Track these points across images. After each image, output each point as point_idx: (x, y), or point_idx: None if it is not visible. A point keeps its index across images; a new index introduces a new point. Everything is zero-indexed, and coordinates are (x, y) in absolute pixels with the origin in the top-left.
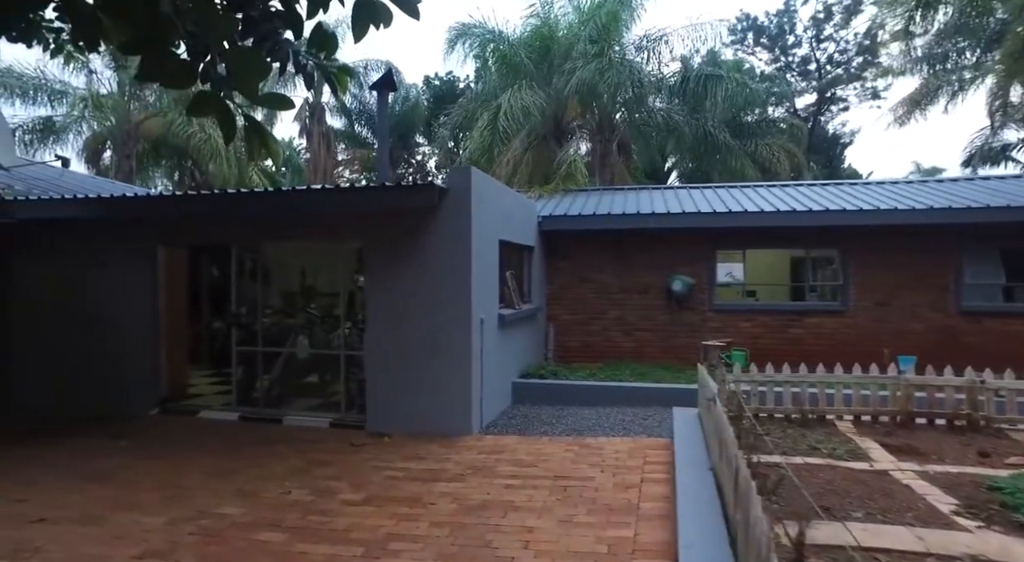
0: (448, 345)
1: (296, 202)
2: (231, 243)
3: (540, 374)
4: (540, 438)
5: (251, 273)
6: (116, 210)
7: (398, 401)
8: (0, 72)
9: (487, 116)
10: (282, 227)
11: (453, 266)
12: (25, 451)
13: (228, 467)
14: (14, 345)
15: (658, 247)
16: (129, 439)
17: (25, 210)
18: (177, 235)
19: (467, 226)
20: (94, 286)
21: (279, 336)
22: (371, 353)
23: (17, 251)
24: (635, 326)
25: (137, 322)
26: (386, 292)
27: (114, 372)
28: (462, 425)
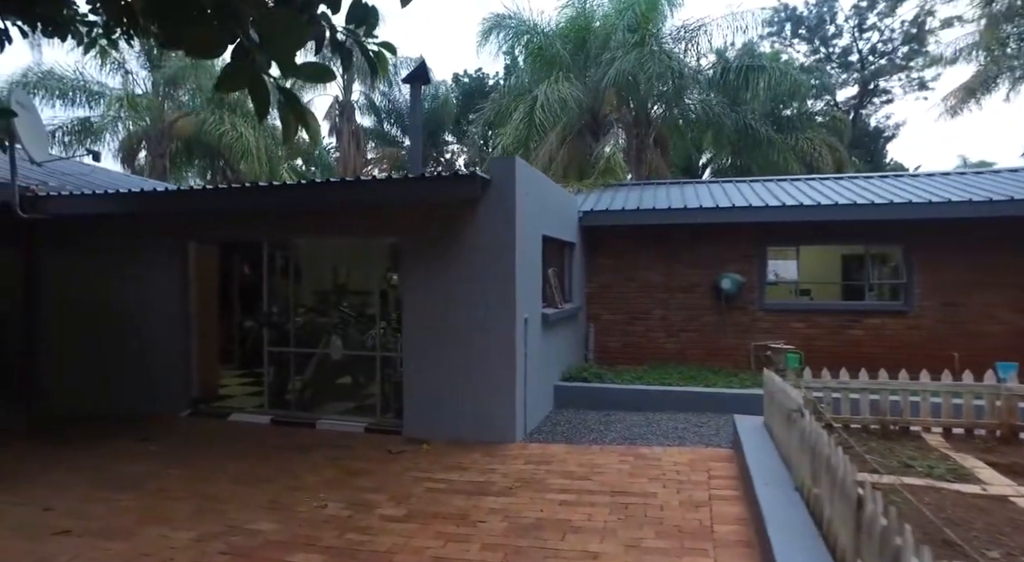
0: (490, 346)
1: (330, 194)
2: (262, 239)
3: (583, 377)
4: (590, 447)
5: (282, 271)
6: (147, 205)
7: (437, 405)
8: (42, 74)
9: (523, 109)
10: (315, 222)
11: (496, 262)
12: (55, 453)
13: (260, 475)
14: (45, 342)
15: (705, 243)
16: (159, 443)
17: (56, 205)
18: (208, 231)
19: (511, 219)
20: (124, 283)
21: (311, 336)
22: (408, 354)
23: (48, 247)
24: (680, 326)
25: (168, 320)
26: (424, 290)
27: (145, 371)
28: (505, 432)
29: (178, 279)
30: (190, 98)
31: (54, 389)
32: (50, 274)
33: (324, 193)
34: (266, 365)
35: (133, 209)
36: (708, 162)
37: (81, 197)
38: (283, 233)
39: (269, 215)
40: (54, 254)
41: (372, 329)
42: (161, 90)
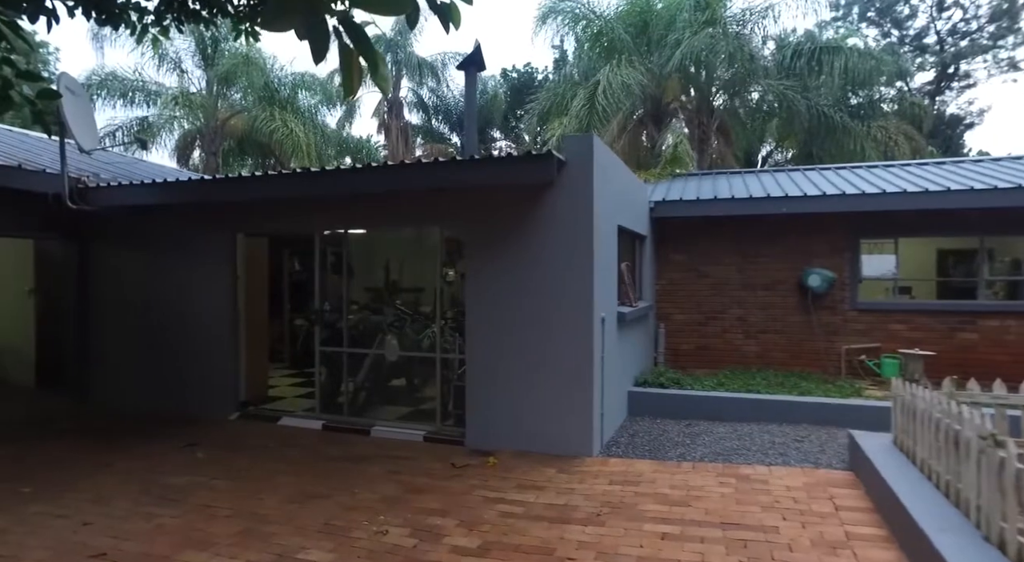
0: (564, 348)
1: (387, 179)
2: (314, 231)
3: (659, 382)
4: (679, 464)
5: (333, 266)
6: (195, 193)
7: (503, 413)
8: (105, 76)
9: (583, 95)
10: (369, 212)
11: (571, 254)
12: (100, 457)
13: (312, 491)
14: (96, 337)
15: (789, 236)
16: (206, 448)
17: (105, 196)
18: (257, 222)
19: (588, 206)
20: (172, 278)
21: (365, 335)
22: (471, 356)
23: (99, 240)
24: (760, 327)
25: (216, 317)
26: (489, 286)
27: (192, 371)
28: (581, 444)
29: (226, 273)
30: (242, 96)
31: (104, 385)
32: (101, 268)
33: (381, 177)
34: (317, 366)
35: (182, 198)
36: (769, 153)
37: (129, 187)
38: (336, 224)
39: (321, 205)
40: (104, 247)
41: (429, 328)
42: (215, 88)
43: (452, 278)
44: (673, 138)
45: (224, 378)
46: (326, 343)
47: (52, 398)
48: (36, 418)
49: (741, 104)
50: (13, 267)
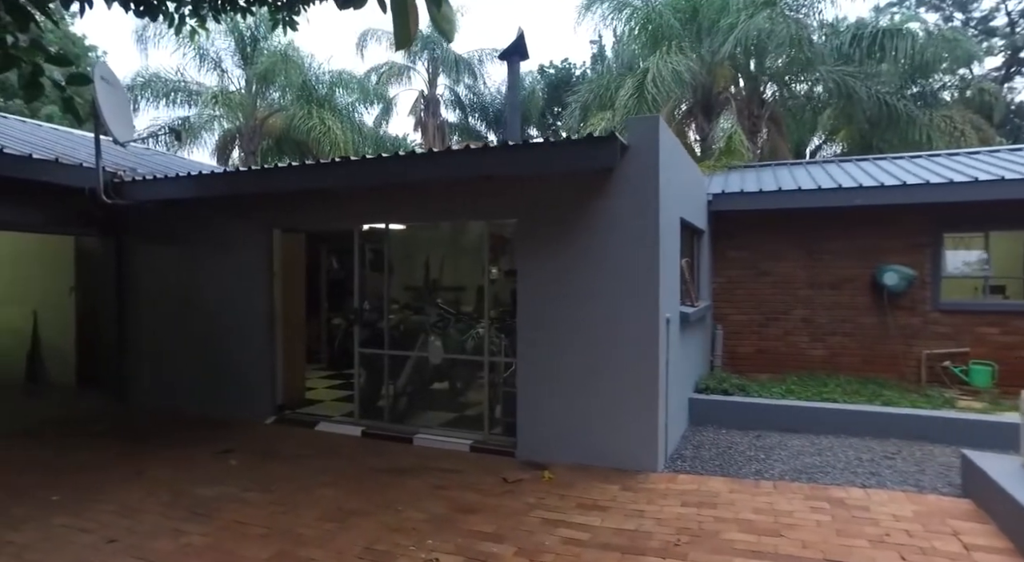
0: (626, 351)
1: (432, 168)
2: (353, 226)
3: (723, 388)
4: (758, 483)
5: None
6: (231, 185)
7: (558, 422)
8: (149, 77)
9: (631, 84)
10: (411, 205)
11: (635, 249)
12: (131, 463)
13: (353, 507)
14: (131, 336)
15: (861, 231)
16: (240, 456)
17: (140, 190)
18: (294, 216)
19: (653, 195)
20: (207, 275)
21: (406, 336)
22: (523, 360)
23: (133, 238)
24: (828, 329)
25: (252, 316)
26: (542, 283)
27: (228, 372)
28: (645, 458)
29: (263, 271)
30: (280, 95)
31: (142, 385)
32: (137, 265)
33: (425, 166)
34: (357, 368)
35: (217, 191)
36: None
37: (164, 181)
38: (376, 218)
39: (361, 198)
40: (141, 244)
41: (472, 329)
42: (254, 87)
43: (495, 276)
44: (726, 129)
45: (260, 380)
46: (366, 344)
47: (91, 398)
48: (73, 419)
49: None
50: (54, 264)
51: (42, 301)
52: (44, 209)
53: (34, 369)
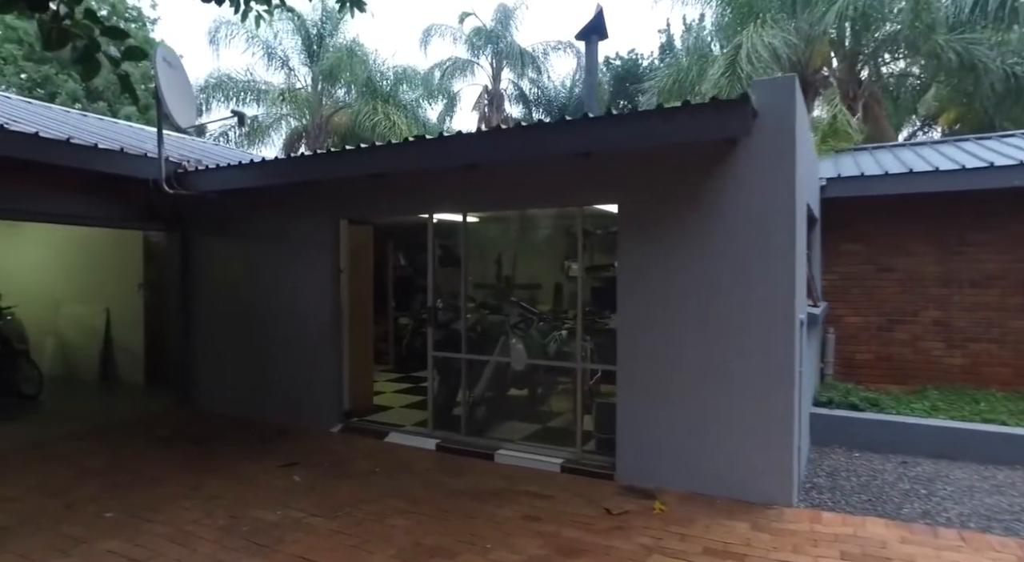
0: (753, 359)
1: (521, 145)
2: (426, 215)
3: (849, 402)
4: (935, 530)
5: (442, 259)
6: (296, 171)
7: (667, 441)
8: (221, 78)
9: (722, 61)
10: (495, 192)
11: (765, 239)
12: (189, 475)
13: (433, 544)
14: (195, 335)
15: (1011, 219)
16: (305, 471)
17: (203, 180)
18: (363, 206)
19: (789, 171)
20: (272, 272)
21: (483, 339)
22: (625, 368)
23: (197, 232)
24: (969, 334)
25: (317, 314)
26: (650, 279)
27: (292, 375)
28: (775, 488)
29: (329, 265)
30: (345, 92)
31: (206, 387)
32: (201, 261)
33: (512, 144)
34: (430, 374)
35: (282, 178)
36: (920, 128)
37: (227, 169)
38: (453, 206)
39: (437, 183)
40: (204, 239)
41: (555, 331)
42: (320, 85)
43: (576, 272)
44: (830, 109)
45: (326, 384)
46: (440, 347)
47: (157, 399)
48: (137, 421)
49: (891, 72)
50: (125, 261)
51: (114, 299)
52: (110, 202)
53: (107, 368)
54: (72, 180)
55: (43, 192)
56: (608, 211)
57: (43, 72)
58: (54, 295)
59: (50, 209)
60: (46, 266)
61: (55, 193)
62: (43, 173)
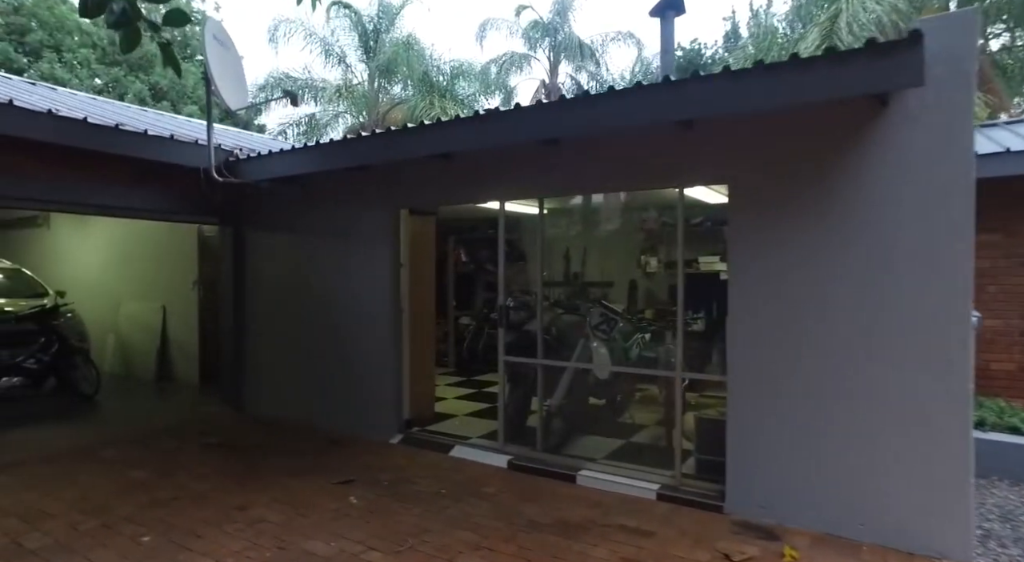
0: (915, 369)
1: (616, 111)
2: (497, 201)
3: (1009, 425)
4: None
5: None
6: (355, 154)
7: (792, 468)
8: (279, 78)
9: (817, 33)
10: (577, 173)
11: (933, 216)
12: (235, 493)
13: None
14: (248, 335)
15: None
16: (362, 490)
17: (255, 168)
18: (426, 194)
19: (965, 136)
20: (326, 266)
21: (560, 342)
22: (739, 377)
23: (250, 226)
24: None
25: (376, 314)
26: (771, 272)
27: (348, 379)
28: (946, 538)
29: (388, 259)
30: (402, 88)
31: (256, 390)
32: (254, 257)
33: (605, 111)
34: (502, 381)
35: (338, 162)
36: None
37: (279, 155)
38: (529, 191)
39: (507, 164)
40: (257, 233)
41: (638, 334)
42: (376, 81)
43: (655, 268)
44: None
45: (385, 390)
46: (512, 350)
47: (210, 401)
48: (187, 425)
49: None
50: (180, 258)
51: (170, 296)
52: (162, 194)
53: (163, 367)
54: (122, 170)
55: (93, 183)
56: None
57: (113, 74)
58: (116, 292)
59: (100, 201)
60: (109, 264)
61: (105, 184)
62: (93, 163)
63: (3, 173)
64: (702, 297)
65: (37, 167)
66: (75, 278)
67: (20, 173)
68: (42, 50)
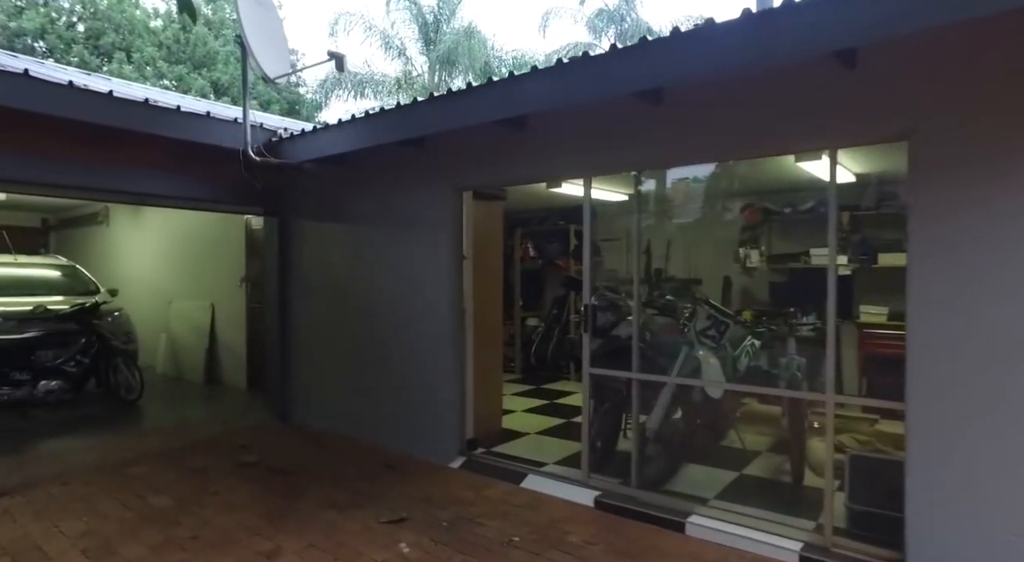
0: None
1: (742, 42)
2: (585, 176)
3: None
4: None
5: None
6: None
7: (1001, 529)
8: (342, 75)
9: None
10: (686, 136)
11: None
12: (270, 534)
13: None
14: (293, 338)
15: None
16: (416, 533)
17: (297, 147)
18: (494, 171)
19: None
20: (378, 259)
21: (656, 350)
22: (923, 404)
23: (295, 213)
24: None
25: (433, 314)
26: (979, 262)
27: (401, 391)
28: None
29: (448, 250)
30: (463, 79)
31: (302, 399)
32: (299, 250)
33: (726, 44)
34: (585, 396)
35: (394, 134)
36: None
37: (324, 131)
38: (627, 160)
39: (599, 130)
40: (303, 223)
41: (748, 340)
42: (436, 73)
43: (756, 263)
44: None
45: (444, 404)
46: (600, 360)
47: (255, 409)
48: (226, 439)
49: None
50: (228, 253)
51: (218, 294)
52: (200, 180)
53: (211, 370)
54: (157, 154)
55: (126, 168)
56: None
57: (177, 72)
58: (168, 290)
59: (134, 187)
60: (162, 261)
61: (140, 169)
62: (125, 146)
63: (31, 156)
64: (814, 298)
65: (68, 150)
66: (131, 276)
67: (50, 156)
68: (114, 52)
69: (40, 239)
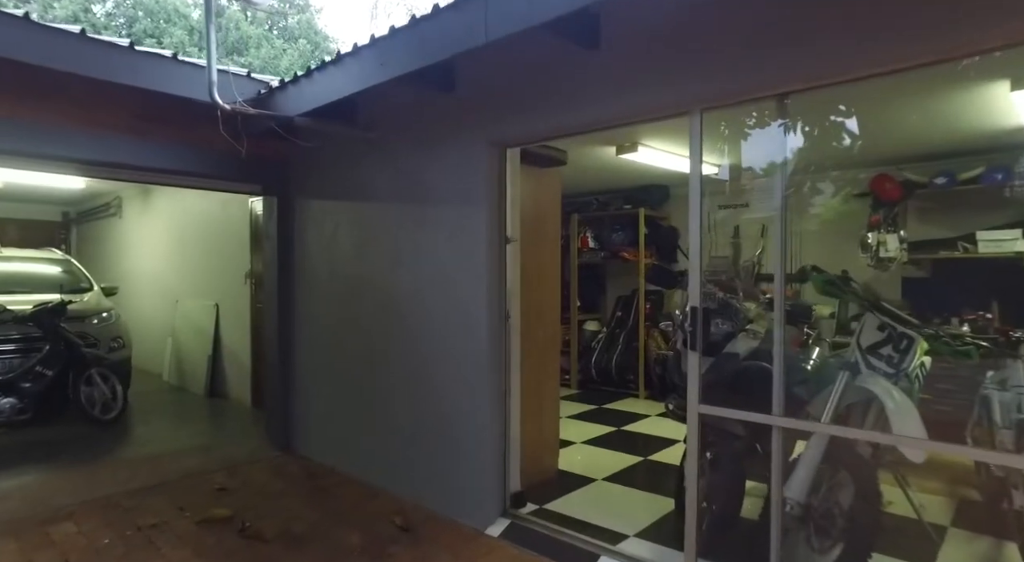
0: None
1: None
2: (696, 107)
3: None
4: None
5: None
6: (425, 45)
7: None
8: None
9: None
10: (837, 36)
11: None
12: None
13: None
14: (293, 346)
15: None
16: None
17: (290, 98)
18: (549, 116)
19: None
20: (393, 248)
21: (787, 376)
22: None
23: (298, 191)
24: None
25: (463, 321)
26: None
27: (422, 426)
28: None
29: (484, 230)
30: None
31: (304, 425)
32: (303, 236)
33: None
34: (692, 448)
35: (408, 64)
36: None
37: (319, 71)
38: (761, 77)
39: (715, 33)
40: (306, 205)
41: (913, 356)
42: None
43: (893, 252)
44: None
45: (480, 444)
46: (712, 394)
47: (253, 433)
48: (205, 479)
49: None
50: (234, 246)
51: (223, 292)
52: (174, 145)
53: (215, 380)
54: (119, 111)
55: (79, 128)
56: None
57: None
58: (174, 287)
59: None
60: (169, 254)
61: (97, 130)
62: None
63: None
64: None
65: None
66: (141, 271)
67: None
68: (144, 38)
69: (60, 233)
